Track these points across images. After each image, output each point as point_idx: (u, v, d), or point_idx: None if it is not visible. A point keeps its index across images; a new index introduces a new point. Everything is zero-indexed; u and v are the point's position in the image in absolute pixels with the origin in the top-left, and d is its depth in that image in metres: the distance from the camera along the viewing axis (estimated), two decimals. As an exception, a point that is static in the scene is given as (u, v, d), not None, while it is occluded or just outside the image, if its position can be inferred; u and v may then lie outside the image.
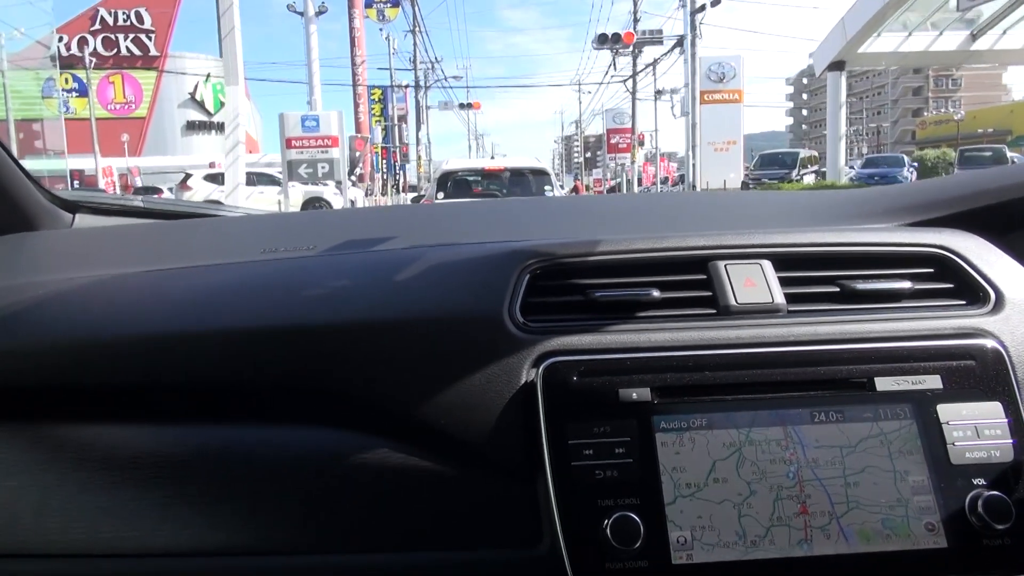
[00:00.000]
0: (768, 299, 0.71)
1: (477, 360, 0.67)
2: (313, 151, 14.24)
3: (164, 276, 0.85)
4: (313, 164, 14.27)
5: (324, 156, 14.22)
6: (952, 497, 0.61)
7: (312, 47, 18.89)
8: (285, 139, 14.25)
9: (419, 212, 1.59)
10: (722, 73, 24.80)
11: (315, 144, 14.20)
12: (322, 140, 14.18)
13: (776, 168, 21.10)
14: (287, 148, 14.21)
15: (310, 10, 18.39)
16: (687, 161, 20.17)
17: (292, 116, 14.37)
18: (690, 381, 0.65)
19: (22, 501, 0.66)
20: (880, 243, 0.76)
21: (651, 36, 20.22)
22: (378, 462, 0.65)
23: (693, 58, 19.20)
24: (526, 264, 0.73)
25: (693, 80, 19.36)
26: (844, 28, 17.92)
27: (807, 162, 22.14)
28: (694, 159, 19.46)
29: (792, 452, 0.62)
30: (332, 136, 14.31)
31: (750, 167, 23.05)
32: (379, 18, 28.60)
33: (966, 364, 0.66)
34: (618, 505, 0.60)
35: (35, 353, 0.71)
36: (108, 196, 1.78)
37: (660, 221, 1.09)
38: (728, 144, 24.41)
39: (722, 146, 24.06)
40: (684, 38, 18.95)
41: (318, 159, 14.25)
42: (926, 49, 18.56)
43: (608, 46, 19.71)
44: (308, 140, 14.22)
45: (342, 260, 0.88)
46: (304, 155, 14.23)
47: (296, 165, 14.23)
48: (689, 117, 19.42)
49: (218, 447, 0.67)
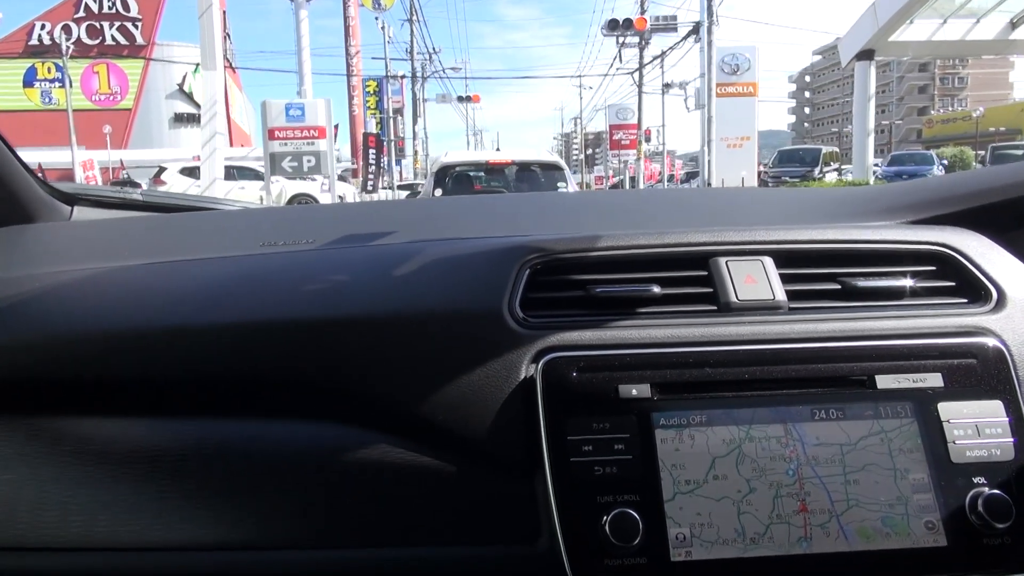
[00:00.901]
0: (769, 296, 0.71)
1: (477, 355, 0.67)
2: (298, 143, 12.93)
3: (162, 269, 0.84)
4: (298, 157, 12.97)
5: (310, 148, 12.92)
6: (952, 496, 0.61)
7: (303, 34, 17.52)
8: (267, 129, 12.91)
9: (419, 207, 1.55)
10: (736, 65, 23.63)
11: (300, 135, 12.90)
12: (308, 131, 12.88)
13: (796, 165, 19.76)
14: (270, 139, 12.87)
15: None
16: (701, 158, 18.82)
17: (275, 104, 13.03)
18: (690, 378, 0.64)
19: (20, 495, 0.66)
20: (882, 240, 0.76)
21: (664, 22, 18.85)
22: (377, 457, 0.65)
23: (710, 46, 17.85)
24: (526, 259, 0.73)
25: (709, 70, 18.00)
26: (875, 14, 16.59)
27: (828, 159, 20.85)
28: (709, 155, 18.12)
29: (792, 449, 0.62)
30: (319, 126, 13.00)
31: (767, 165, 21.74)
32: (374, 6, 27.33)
33: (967, 362, 0.65)
34: (617, 502, 0.60)
35: (33, 346, 0.71)
36: (106, 189, 1.69)
37: (661, 217, 1.09)
38: (742, 140, 23.26)
39: (735, 142, 22.91)
40: (700, 24, 17.60)
41: (303, 151, 12.95)
42: (962, 38, 17.22)
43: (619, 32, 18.36)
44: (293, 131, 12.92)
45: (341, 254, 0.87)
46: (288, 147, 12.92)
47: (279, 158, 12.92)
48: (705, 110, 18.07)
49: (217, 441, 0.67)
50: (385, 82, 28.78)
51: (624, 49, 24.52)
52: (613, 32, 18.28)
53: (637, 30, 18.50)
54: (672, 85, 25.97)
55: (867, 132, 18.17)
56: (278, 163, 12.78)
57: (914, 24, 16.88)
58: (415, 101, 30.84)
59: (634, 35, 20.05)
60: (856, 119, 18.83)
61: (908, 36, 17.18)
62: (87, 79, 34.04)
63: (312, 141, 12.78)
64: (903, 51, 18.58)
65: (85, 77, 33.93)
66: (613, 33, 18.52)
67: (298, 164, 12.85)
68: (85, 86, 33.90)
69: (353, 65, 27.96)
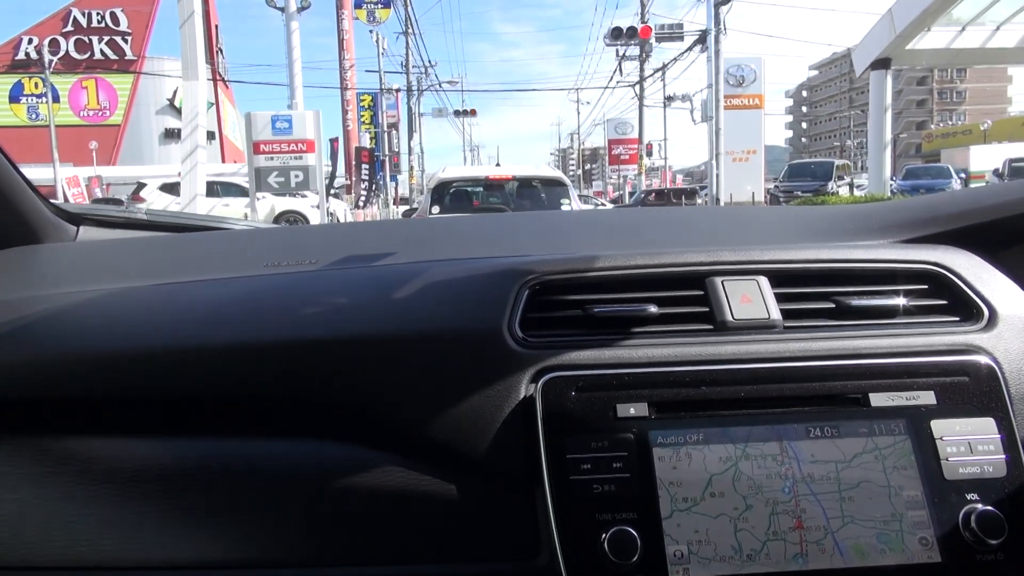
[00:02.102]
0: (764, 315, 0.71)
1: (477, 374, 0.67)
2: (285, 157, 12.09)
3: (168, 290, 0.85)
4: (285, 172, 12.13)
5: (298, 163, 12.07)
6: (946, 512, 0.61)
7: (294, 45, 16.78)
8: (252, 143, 12.05)
9: (421, 226, 1.53)
10: (741, 76, 23.05)
11: (288, 149, 12.05)
12: (296, 144, 12.03)
13: (808, 180, 18.90)
14: (255, 153, 12.01)
15: (292, 5, 16.24)
16: (710, 171, 18.02)
17: (261, 116, 12.19)
18: (687, 396, 0.65)
19: (26, 514, 0.66)
20: (875, 260, 0.77)
21: (670, 30, 18.07)
22: (378, 475, 0.66)
23: (717, 56, 17.14)
24: (526, 279, 0.74)
25: (717, 80, 17.26)
26: (892, 21, 15.80)
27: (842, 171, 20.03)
28: (717, 169, 17.30)
29: (788, 467, 0.62)
30: (308, 140, 12.15)
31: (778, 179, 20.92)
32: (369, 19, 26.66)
33: (960, 380, 0.66)
34: (615, 519, 0.60)
35: (40, 366, 0.71)
36: (112, 208, 1.69)
37: (658, 236, 1.09)
38: (748, 154, 22.66)
39: (741, 156, 22.31)
40: (707, 32, 16.85)
41: (291, 166, 12.11)
42: (982, 46, 16.46)
43: (622, 42, 17.57)
44: (279, 144, 12.06)
45: (344, 274, 0.88)
46: (275, 161, 12.07)
47: (265, 173, 12.06)
48: (712, 122, 17.28)
49: (220, 460, 0.67)
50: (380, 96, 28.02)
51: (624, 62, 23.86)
52: (616, 41, 17.50)
53: (641, 39, 17.72)
54: (674, 98, 25.31)
55: (883, 144, 17.28)
56: (264, 178, 11.91)
57: (931, 32, 16.14)
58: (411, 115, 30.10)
59: (637, 44, 19.29)
60: (872, 131, 17.94)
61: (926, 44, 16.42)
62: (75, 94, 33.34)
63: (300, 155, 11.92)
64: (920, 60, 17.80)
65: (73, 92, 33.25)
66: (616, 43, 17.74)
67: (285, 179, 12.00)
68: (73, 101, 33.22)
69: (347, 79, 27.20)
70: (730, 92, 21.38)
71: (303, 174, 12.01)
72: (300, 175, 12.01)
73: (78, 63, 33.34)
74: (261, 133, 11.87)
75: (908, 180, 19.05)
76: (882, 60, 16.80)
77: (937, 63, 19.24)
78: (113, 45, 33.95)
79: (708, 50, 17.05)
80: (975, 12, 15.90)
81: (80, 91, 33.55)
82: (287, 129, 11.94)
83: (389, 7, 27.08)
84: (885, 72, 17.03)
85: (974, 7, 15.72)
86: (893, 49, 16.45)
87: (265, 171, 11.91)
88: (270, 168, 11.91)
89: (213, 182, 15.01)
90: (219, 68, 37.06)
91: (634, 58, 23.62)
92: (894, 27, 15.84)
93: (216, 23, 36.93)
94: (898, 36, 15.88)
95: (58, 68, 31.11)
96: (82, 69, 33.44)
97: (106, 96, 34.01)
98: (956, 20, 16.13)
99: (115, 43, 33.94)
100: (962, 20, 16.16)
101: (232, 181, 16.73)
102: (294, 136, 11.90)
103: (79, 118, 32.88)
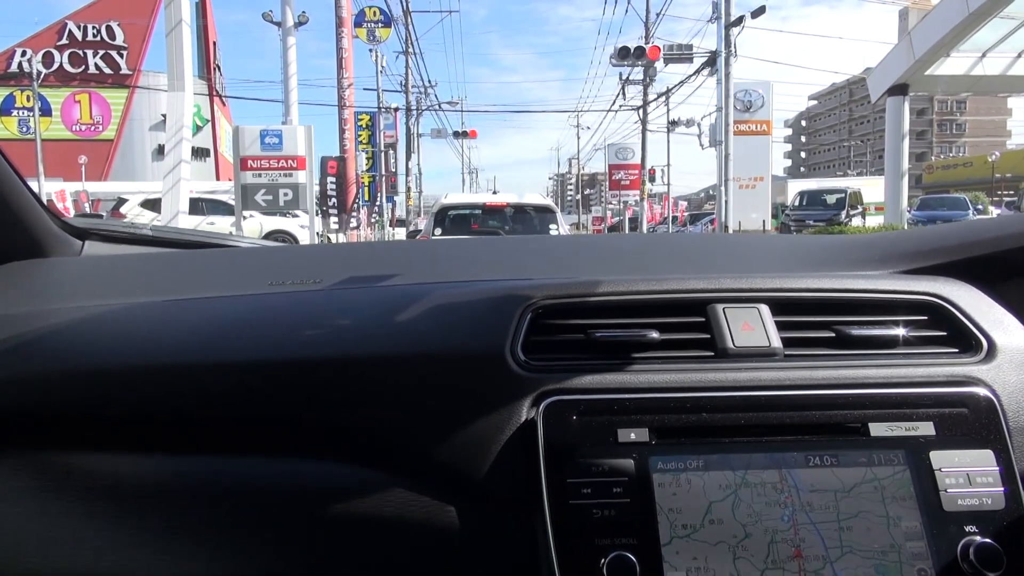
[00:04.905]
0: (765, 343, 0.71)
1: (479, 397, 0.67)
2: (274, 174, 11.31)
3: (172, 307, 0.85)
4: (273, 190, 11.35)
5: (287, 180, 11.30)
6: (944, 544, 0.61)
7: (290, 61, 16.11)
8: (240, 159, 11.28)
9: (424, 248, 1.57)
10: (748, 101, 22.41)
11: (276, 166, 11.28)
12: (286, 161, 11.26)
13: (820, 208, 18.18)
14: (242, 170, 11.24)
15: (288, 20, 15.59)
16: (718, 198, 17.31)
17: (249, 131, 11.43)
18: (687, 423, 0.65)
19: (27, 529, 0.66)
20: (875, 290, 0.77)
21: (679, 52, 17.47)
22: (378, 496, 0.66)
23: (727, 79, 16.49)
24: (529, 303, 0.74)
25: (727, 104, 16.61)
26: (911, 46, 15.23)
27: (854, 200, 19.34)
28: (726, 196, 16.60)
29: (787, 495, 0.62)
30: (298, 156, 11.38)
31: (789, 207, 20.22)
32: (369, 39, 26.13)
33: (959, 412, 0.66)
34: (615, 544, 0.60)
35: (44, 381, 0.71)
36: (119, 223, 1.63)
37: (660, 263, 1.10)
38: (755, 181, 21.98)
39: (748, 183, 21.61)
40: (717, 54, 16.23)
41: (279, 184, 11.34)
42: (1004, 72, 15.87)
43: (629, 62, 16.94)
44: (268, 160, 11.29)
45: (347, 295, 0.88)
46: (263, 179, 11.30)
47: (252, 190, 11.28)
48: (722, 147, 16.60)
49: (221, 478, 0.68)
50: (378, 115, 27.41)
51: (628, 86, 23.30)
52: (623, 61, 16.86)
53: (649, 59, 17.09)
54: (679, 123, 24.71)
55: (900, 174, 16.61)
56: (250, 196, 11.13)
57: (950, 58, 15.56)
58: (409, 135, 29.49)
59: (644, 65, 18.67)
60: (888, 159, 17.27)
61: (946, 70, 15.84)
62: (68, 108, 32.72)
63: (290, 172, 11.15)
64: (938, 86, 17.19)
65: (66, 106, 32.63)
66: (623, 62, 17.11)
67: (273, 198, 11.21)
68: (66, 115, 32.60)
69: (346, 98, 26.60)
70: (738, 117, 20.74)
71: (292, 192, 11.23)
72: (289, 193, 11.24)
73: (72, 76, 32.77)
74: (249, 148, 11.13)
75: (924, 211, 18.43)
76: (900, 86, 16.20)
77: (956, 90, 18.65)
78: (108, 59, 33.37)
79: (718, 72, 16.42)
80: (996, 38, 15.32)
81: (73, 105, 32.93)
82: (277, 144, 11.20)
83: (390, 26, 26.58)
84: (903, 98, 16.40)
85: (995, 33, 15.14)
86: (911, 75, 15.86)
87: (252, 188, 11.15)
88: (257, 185, 11.15)
89: (198, 199, 14.29)
90: (216, 85, 36.61)
91: (637, 82, 23.06)
92: (913, 52, 15.25)
93: (214, 40, 36.53)
94: (917, 61, 15.30)
95: (52, 81, 30.57)
96: (76, 83, 32.85)
97: (99, 110, 33.37)
98: (976, 46, 15.55)
99: (110, 57, 33.37)
100: (982, 46, 15.59)
101: (218, 198, 15.99)
102: (284, 152, 11.16)
103: (71, 132, 32.25)
